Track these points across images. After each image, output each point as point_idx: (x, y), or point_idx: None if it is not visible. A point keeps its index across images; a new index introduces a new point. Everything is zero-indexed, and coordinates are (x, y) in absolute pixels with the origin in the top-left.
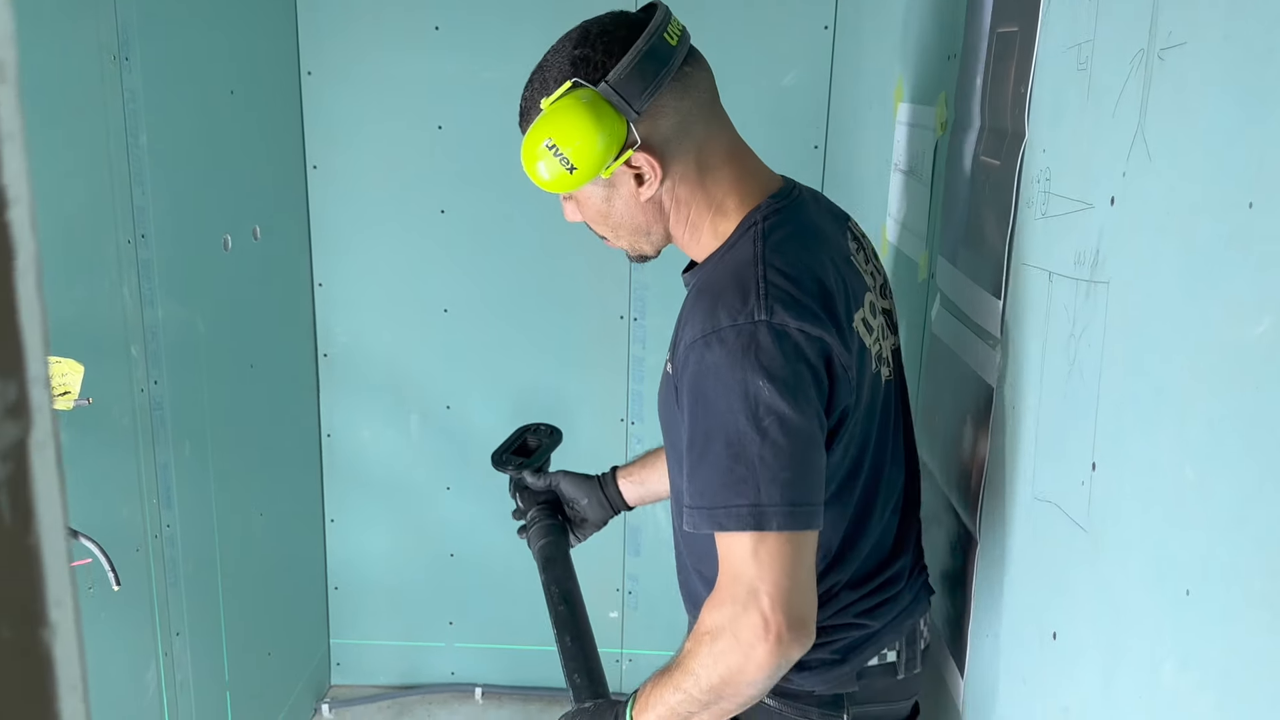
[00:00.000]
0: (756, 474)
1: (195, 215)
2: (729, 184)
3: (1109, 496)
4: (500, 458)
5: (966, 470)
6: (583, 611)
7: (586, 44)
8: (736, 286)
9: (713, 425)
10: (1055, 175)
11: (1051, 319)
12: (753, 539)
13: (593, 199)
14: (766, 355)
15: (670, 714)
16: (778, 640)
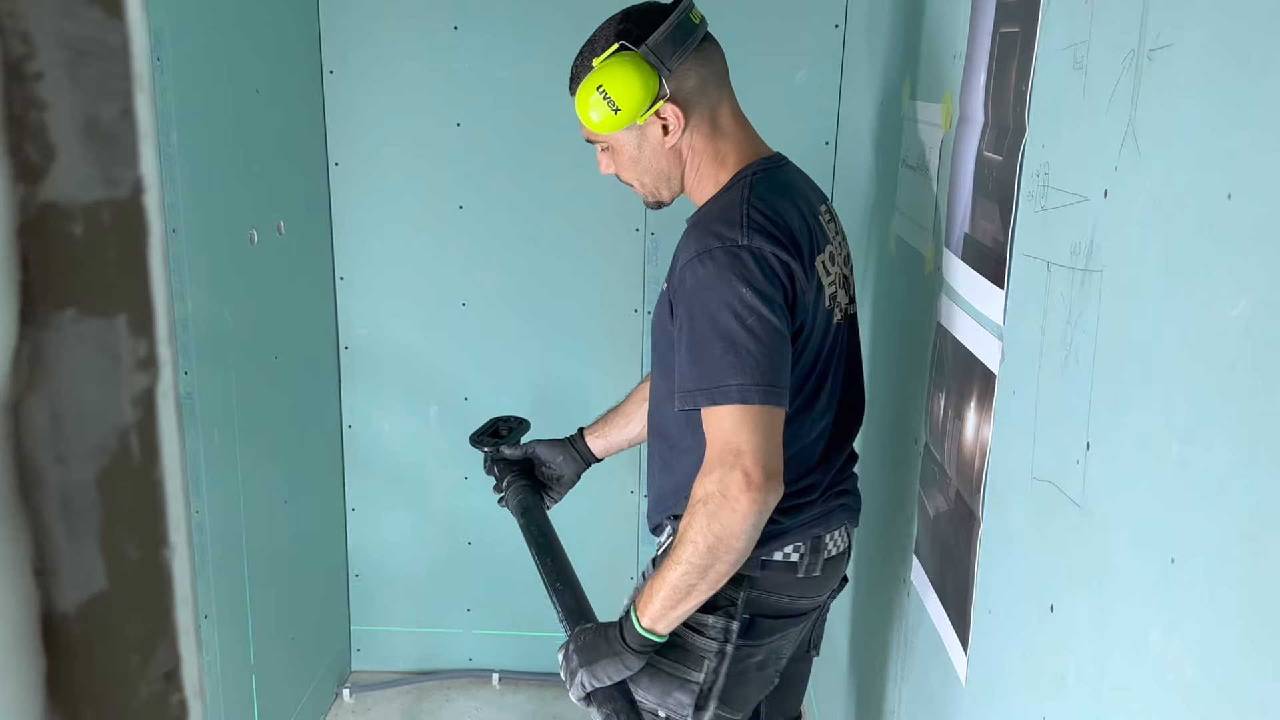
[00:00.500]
0: (744, 361)
1: (224, 211)
2: (732, 143)
3: (1102, 474)
4: (477, 439)
5: (971, 455)
6: (561, 550)
7: (628, 20)
8: (725, 219)
9: (708, 324)
10: (1053, 170)
11: (1049, 307)
12: (739, 410)
13: (627, 146)
14: (749, 270)
15: (673, 591)
16: (759, 489)
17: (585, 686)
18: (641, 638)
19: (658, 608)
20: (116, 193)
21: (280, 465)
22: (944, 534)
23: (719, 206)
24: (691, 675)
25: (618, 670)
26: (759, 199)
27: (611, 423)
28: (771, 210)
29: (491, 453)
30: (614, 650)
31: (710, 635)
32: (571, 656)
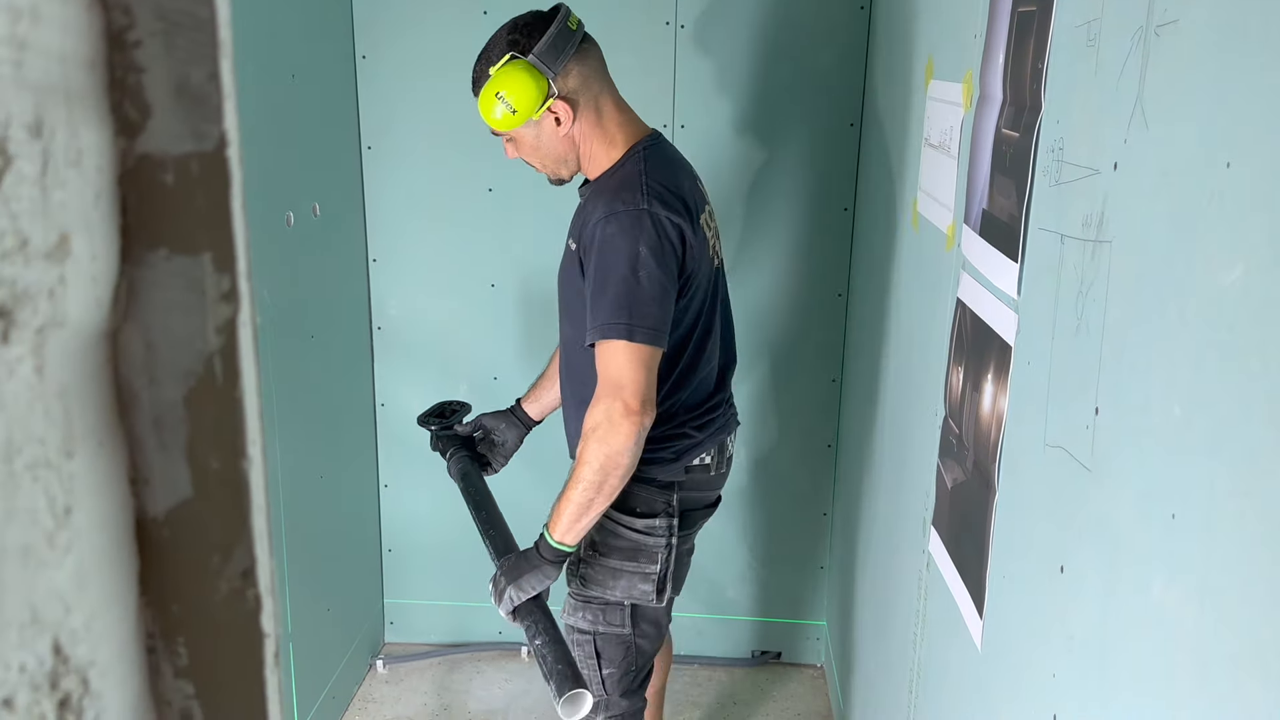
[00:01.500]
0: (632, 305)
1: (262, 192)
2: (616, 125)
3: (1109, 437)
4: (425, 419)
5: (988, 425)
6: (494, 506)
7: (516, 31)
8: (628, 188)
9: (609, 274)
10: (1067, 144)
11: (1062, 279)
12: (625, 347)
13: (526, 137)
14: (646, 232)
15: (576, 508)
16: (636, 415)
17: (514, 600)
18: (555, 550)
19: (565, 523)
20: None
21: (316, 442)
22: (962, 504)
23: (620, 177)
24: (649, 569)
25: (540, 581)
26: (655, 170)
27: (540, 388)
28: (665, 180)
29: (437, 430)
30: (534, 565)
31: (658, 535)
32: (500, 579)
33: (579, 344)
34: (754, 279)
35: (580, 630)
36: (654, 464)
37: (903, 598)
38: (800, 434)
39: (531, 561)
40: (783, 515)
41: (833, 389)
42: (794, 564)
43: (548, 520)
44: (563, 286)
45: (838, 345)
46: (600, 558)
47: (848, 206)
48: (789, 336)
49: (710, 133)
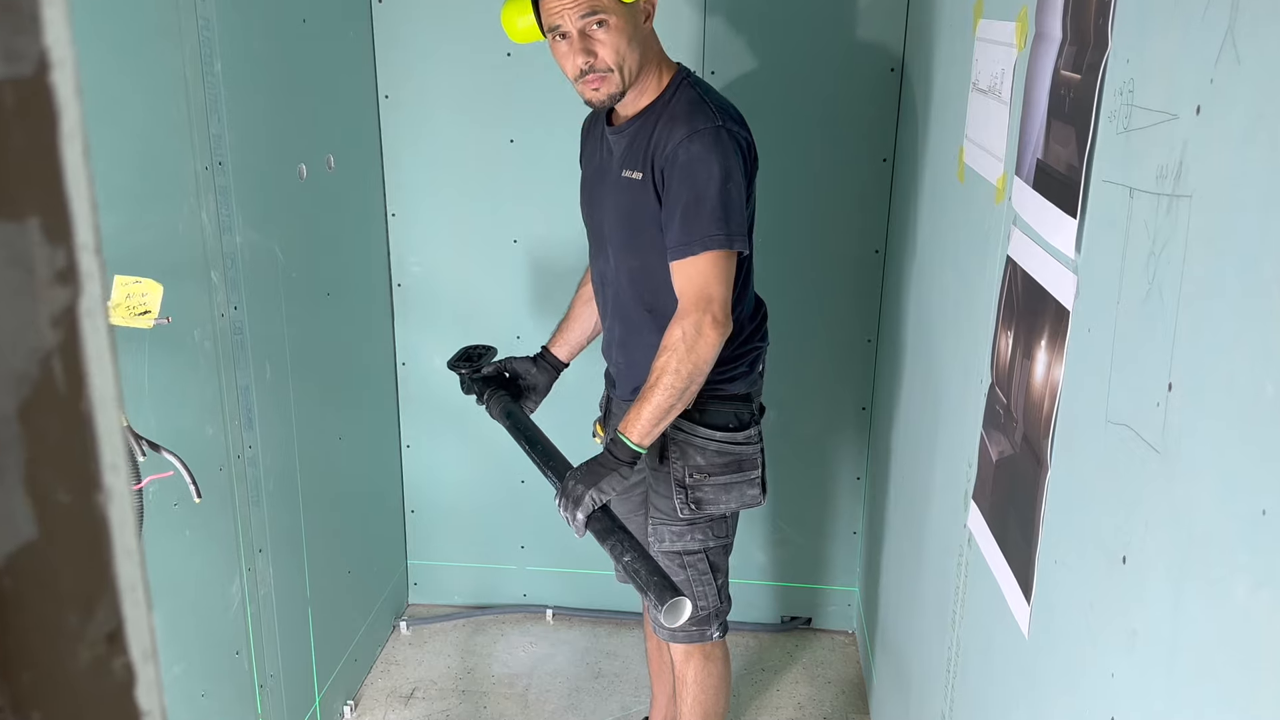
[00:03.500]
0: (729, 215)
1: (270, 144)
2: (662, 52)
3: (1185, 417)
4: (454, 363)
5: (1040, 396)
6: (546, 439)
7: None
8: (698, 109)
9: (704, 188)
10: (1139, 86)
11: (1131, 237)
12: (723, 256)
13: (628, 21)
14: (726, 146)
15: (659, 411)
16: (723, 327)
17: (596, 501)
18: (632, 451)
19: (645, 425)
20: (18, 70)
21: (335, 402)
22: (1007, 479)
23: (683, 105)
24: (753, 474)
25: (619, 482)
26: (708, 93)
27: (567, 329)
28: (724, 102)
29: (469, 373)
30: (611, 467)
31: (754, 442)
32: (575, 487)
33: (658, 267)
34: (786, 234)
35: (690, 552)
36: (735, 380)
37: (941, 572)
38: (833, 396)
39: (607, 465)
40: (815, 479)
41: (868, 349)
42: (825, 529)
43: (620, 425)
44: (625, 217)
45: (874, 304)
46: (710, 478)
47: (886, 158)
48: (823, 294)
49: (742, 78)
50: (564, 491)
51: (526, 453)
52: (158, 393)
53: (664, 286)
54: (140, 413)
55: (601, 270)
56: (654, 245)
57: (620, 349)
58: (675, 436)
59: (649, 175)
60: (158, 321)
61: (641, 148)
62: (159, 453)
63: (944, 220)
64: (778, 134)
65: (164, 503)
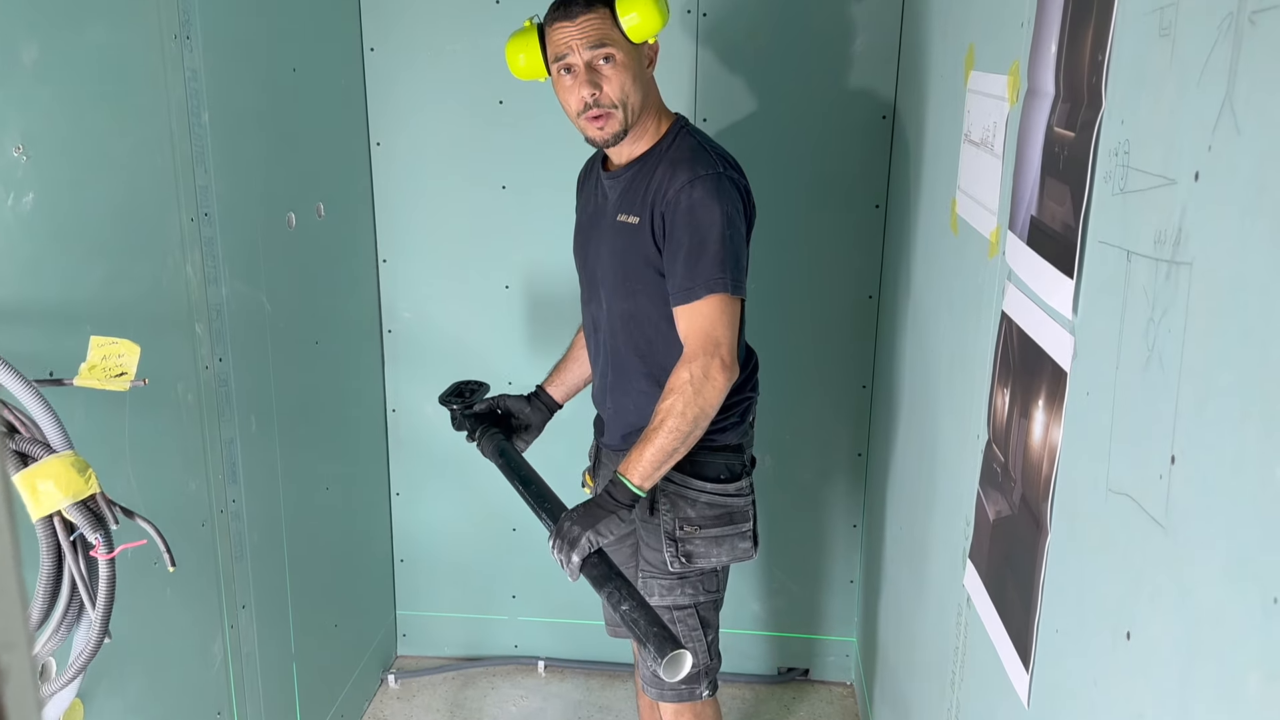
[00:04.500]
0: (730, 261)
1: (259, 193)
2: (660, 99)
3: (1189, 493)
4: (446, 399)
5: (1038, 458)
6: (540, 479)
7: None
8: (698, 156)
9: (705, 233)
10: (1134, 148)
11: (1129, 302)
12: (726, 301)
13: (635, 59)
14: (728, 193)
15: (661, 454)
16: (731, 370)
17: (592, 544)
18: (632, 494)
19: (647, 467)
20: None
21: (322, 451)
22: (1005, 540)
23: (684, 151)
24: (744, 527)
25: (616, 524)
26: (706, 141)
27: (564, 370)
28: (722, 149)
29: (460, 409)
30: (609, 509)
31: (745, 493)
32: (571, 528)
33: (651, 312)
34: (780, 279)
35: (680, 606)
36: (727, 430)
37: (940, 630)
38: (829, 441)
39: (606, 506)
40: (810, 526)
41: (863, 395)
42: (822, 577)
43: (620, 467)
44: (619, 261)
45: (868, 349)
46: (700, 530)
47: (879, 204)
48: (817, 339)
49: (734, 124)
50: (559, 532)
51: (519, 493)
52: (138, 450)
53: (657, 332)
54: (119, 472)
55: (594, 316)
56: (647, 290)
57: (612, 395)
58: (666, 488)
59: (647, 219)
60: (134, 384)
61: (640, 192)
62: (133, 519)
63: (938, 270)
64: (770, 179)
65: (143, 562)
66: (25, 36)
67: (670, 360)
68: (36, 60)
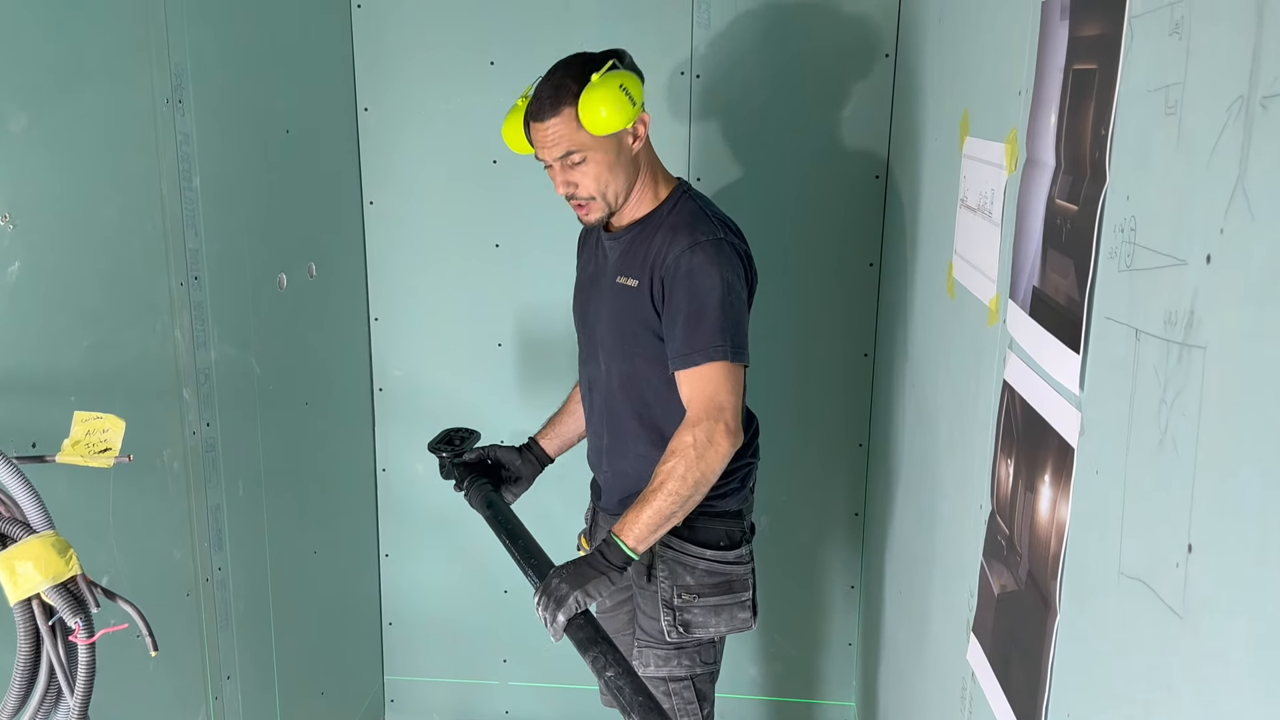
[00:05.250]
0: (730, 327)
1: (250, 255)
2: (659, 164)
3: (1208, 585)
4: (435, 446)
5: (1045, 533)
6: (527, 533)
7: (594, 56)
8: (699, 221)
9: (705, 299)
10: (1141, 226)
11: (1139, 381)
12: (727, 368)
13: (608, 152)
14: (728, 258)
15: (659, 517)
16: (735, 436)
17: (579, 605)
18: (625, 555)
19: (642, 531)
20: None
21: (310, 513)
22: (1011, 617)
23: (684, 215)
24: (744, 596)
25: (606, 586)
26: (708, 206)
27: (559, 423)
28: (724, 215)
29: (450, 457)
30: (600, 569)
31: (745, 561)
32: (559, 586)
33: (650, 375)
34: (774, 334)
35: (676, 678)
36: (728, 495)
37: (942, 703)
38: (825, 501)
39: (596, 566)
40: (807, 587)
41: (859, 454)
42: (819, 640)
43: (615, 527)
44: (618, 323)
45: (864, 408)
46: (698, 599)
47: (873, 262)
48: (813, 397)
49: (727, 184)
50: (545, 589)
51: (506, 547)
52: (122, 521)
53: (656, 395)
54: (102, 544)
55: (591, 376)
56: (645, 352)
57: (608, 457)
58: (664, 554)
59: (646, 283)
60: (118, 460)
61: (639, 255)
62: (114, 601)
63: (935, 332)
64: (764, 237)
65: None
66: (14, 106)
67: (668, 423)
68: (26, 129)
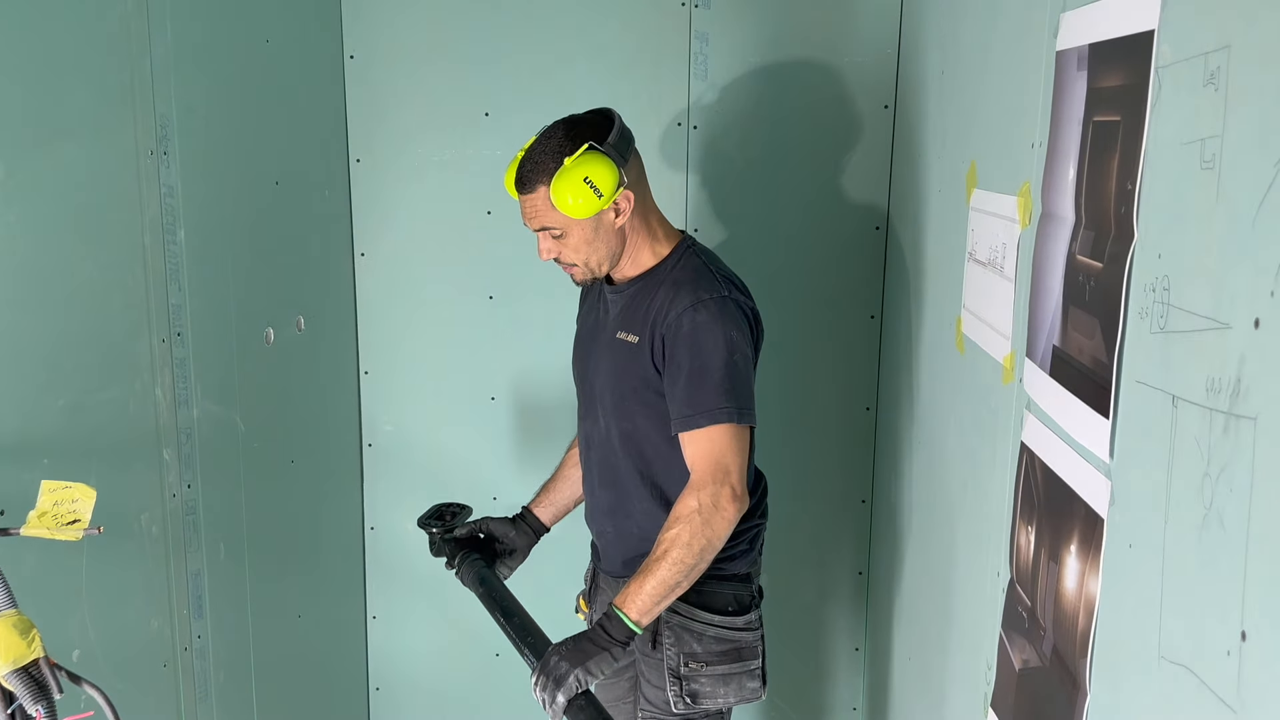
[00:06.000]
0: (735, 387)
1: (236, 309)
2: (657, 221)
3: (1268, 676)
4: (425, 521)
5: (1072, 608)
6: (524, 611)
7: (578, 127)
8: (703, 277)
9: (708, 359)
10: (1175, 285)
11: (1178, 451)
12: (733, 430)
13: (584, 230)
14: (732, 316)
15: (663, 588)
16: (742, 500)
17: (580, 684)
18: (628, 630)
19: (647, 603)
20: None
21: (295, 576)
22: (1035, 695)
23: (688, 271)
24: (753, 664)
25: (608, 663)
26: (714, 261)
27: (554, 490)
28: (729, 271)
29: (440, 533)
30: (602, 645)
31: (755, 628)
32: (558, 664)
33: (650, 432)
34: (773, 388)
35: None
36: (735, 559)
37: None
38: (827, 559)
39: (598, 642)
40: (811, 649)
41: (862, 510)
42: (823, 705)
43: (617, 599)
44: (617, 379)
45: (867, 463)
46: (706, 668)
47: (874, 314)
48: (813, 452)
49: (725, 235)
50: (544, 668)
51: (501, 626)
52: (96, 590)
53: (658, 454)
54: (73, 616)
55: (588, 433)
56: (645, 410)
57: (609, 517)
58: (670, 620)
59: (646, 340)
60: (88, 532)
61: (641, 311)
62: (79, 686)
63: (943, 388)
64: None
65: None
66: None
67: (671, 482)
68: (2, 182)
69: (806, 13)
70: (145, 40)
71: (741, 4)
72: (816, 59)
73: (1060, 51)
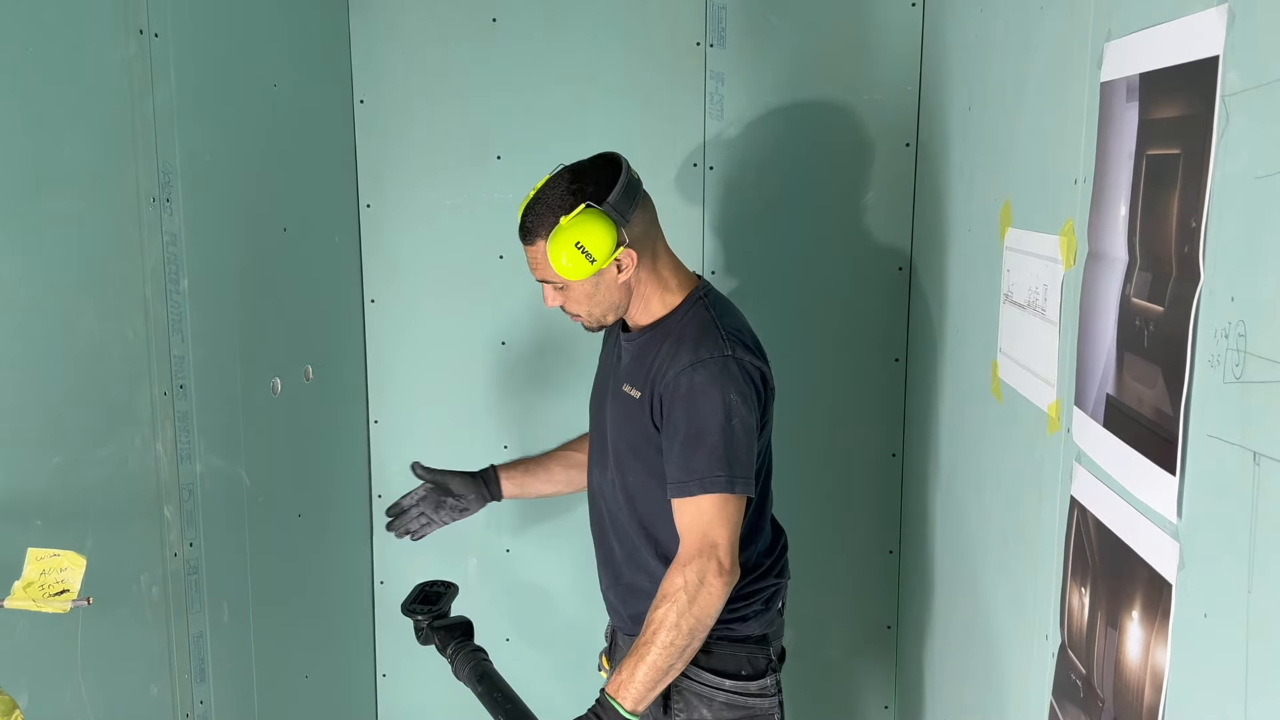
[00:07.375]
0: (731, 456)
1: (241, 360)
2: (670, 271)
3: None
4: (409, 607)
5: (1136, 680)
6: (525, 709)
7: (582, 180)
8: (706, 334)
9: (704, 424)
10: (1253, 331)
11: (1261, 513)
12: (723, 500)
13: (584, 286)
14: (733, 378)
15: (654, 673)
16: (730, 575)
17: None
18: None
19: (640, 690)
20: None
21: (302, 634)
22: None
23: (693, 325)
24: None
25: None
26: (724, 315)
27: (532, 472)
28: (737, 326)
29: (428, 620)
30: None
31: (771, 694)
32: None
33: (653, 489)
34: (793, 434)
35: None
36: (748, 620)
37: None
38: (854, 612)
39: None
40: (838, 709)
41: (890, 561)
42: None
43: (609, 686)
44: (621, 431)
45: (894, 511)
46: None
47: (899, 358)
48: (837, 503)
49: (742, 278)
50: None
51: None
52: (92, 657)
53: (662, 512)
54: (68, 686)
55: (597, 484)
56: (645, 466)
57: (626, 567)
58: (678, 683)
59: (647, 396)
60: (76, 604)
61: (646, 364)
62: None
63: (978, 436)
64: (780, 333)
65: None
66: None
67: (672, 540)
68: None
69: (823, 51)
70: (148, 85)
71: (757, 43)
72: (834, 97)
73: (1106, 82)
